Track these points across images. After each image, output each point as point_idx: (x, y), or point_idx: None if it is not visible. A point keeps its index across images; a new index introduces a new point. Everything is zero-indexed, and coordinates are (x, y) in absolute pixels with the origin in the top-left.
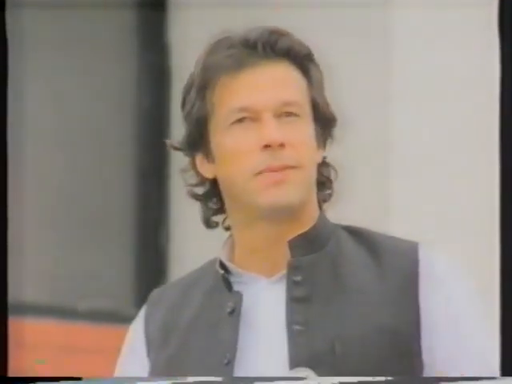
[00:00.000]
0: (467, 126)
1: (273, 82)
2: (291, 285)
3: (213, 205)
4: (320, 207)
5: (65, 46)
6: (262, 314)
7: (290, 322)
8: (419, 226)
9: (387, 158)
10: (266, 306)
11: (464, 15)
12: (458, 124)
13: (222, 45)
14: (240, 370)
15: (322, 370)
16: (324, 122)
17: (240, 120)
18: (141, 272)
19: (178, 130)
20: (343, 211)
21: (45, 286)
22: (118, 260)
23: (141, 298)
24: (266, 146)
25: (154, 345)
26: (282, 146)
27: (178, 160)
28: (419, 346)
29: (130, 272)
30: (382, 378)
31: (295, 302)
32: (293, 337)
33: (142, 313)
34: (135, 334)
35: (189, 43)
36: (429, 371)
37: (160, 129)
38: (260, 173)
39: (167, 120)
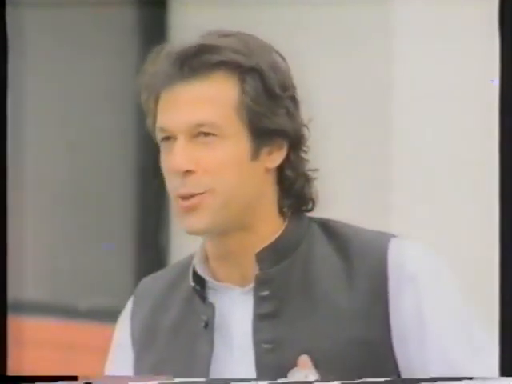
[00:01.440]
0: (467, 126)
1: (188, 103)
2: (258, 300)
3: None
4: (294, 212)
5: (65, 45)
6: (234, 327)
7: (257, 341)
8: (419, 227)
9: (388, 158)
10: (239, 318)
11: (464, 15)
12: (458, 123)
13: (153, 61)
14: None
15: None
16: (262, 133)
17: (165, 138)
18: (140, 271)
19: None
20: (343, 213)
21: (45, 285)
22: (118, 258)
23: None
24: (176, 173)
25: (138, 343)
26: (188, 172)
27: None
28: (393, 353)
29: (130, 270)
30: (382, 379)
31: (262, 318)
32: (260, 355)
33: (128, 307)
34: (122, 330)
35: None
36: (404, 374)
37: None
38: (176, 197)
39: None
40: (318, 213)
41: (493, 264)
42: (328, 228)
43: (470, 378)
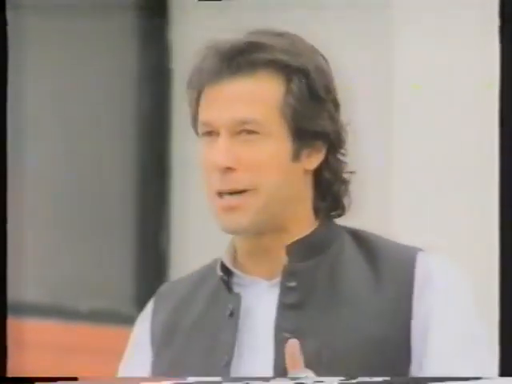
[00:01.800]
0: (467, 126)
1: (234, 99)
2: (284, 291)
3: None
4: (326, 214)
5: (65, 46)
6: (259, 317)
7: (278, 329)
8: (420, 230)
9: (387, 157)
10: (263, 309)
11: (464, 15)
12: (458, 123)
13: (204, 55)
14: (237, 372)
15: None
16: (303, 134)
17: (205, 134)
18: (141, 273)
19: (177, 131)
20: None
21: (45, 287)
22: (118, 260)
23: (141, 299)
24: (217, 168)
25: (158, 342)
26: (229, 169)
27: (179, 160)
28: (408, 357)
29: (130, 273)
30: (380, 379)
31: (286, 308)
32: (279, 344)
33: (149, 307)
34: (141, 330)
35: (189, 45)
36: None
37: (160, 130)
38: (219, 193)
39: (167, 121)
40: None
41: (493, 264)
42: (358, 236)
43: (470, 379)
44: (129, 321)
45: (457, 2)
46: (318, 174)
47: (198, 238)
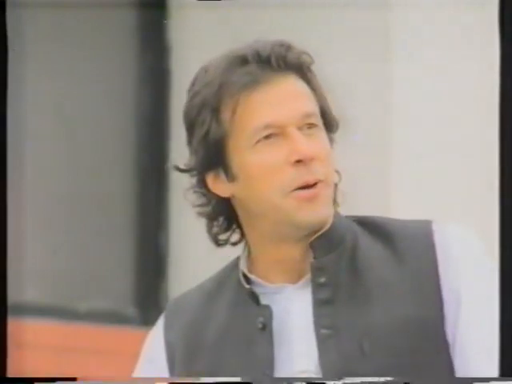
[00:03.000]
0: (467, 126)
1: (290, 95)
2: (316, 287)
3: (219, 223)
4: (334, 206)
5: (65, 46)
6: (293, 323)
7: (317, 327)
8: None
9: (388, 158)
10: (294, 314)
11: (464, 15)
12: (457, 123)
13: (235, 62)
14: None
15: (353, 371)
16: (330, 128)
17: (266, 137)
18: (141, 273)
19: (178, 132)
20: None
21: (44, 287)
22: (118, 260)
23: (141, 299)
24: (298, 161)
25: (178, 357)
26: (312, 159)
27: (179, 161)
28: (444, 331)
29: (130, 272)
30: (382, 379)
31: (321, 304)
32: (322, 341)
33: (160, 321)
34: (154, 342)
35: (189, 45)
36: (454, 350)
37: (160, 130)
38: (295, 189)
39: (167, 121)
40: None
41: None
42: (366, 222)
43: (470, 379)
44: (128, 321)
45: (457, 2)
46: None
47: (197, 238)
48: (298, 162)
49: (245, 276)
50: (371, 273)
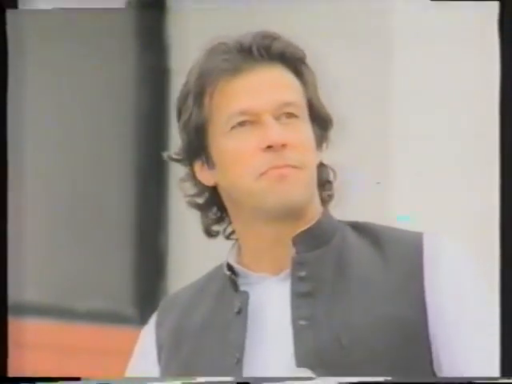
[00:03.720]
0: (467, 126)
1: (270, 84)
2: (296, 280)
3: (213, 214)
4: (324, 205)
5: (65, 46)
6: (269, 312)
7: (295, 318)
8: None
9: (387, 157)
10: (272, 303)
11: (464, 16)
12: (458, 123)
13: (217, 51)
14: (249, 369)
15: (328, 363)
16: (320, 123)
17: (240, 123)
18: (140, 272)
19: (177, 131)
20: (344, 211)
21: (45, 286)
22: (117, 260)
23: (140, 299)
24: (269, 147)
25: (165, 350)
26: (284, 146)
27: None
28: (427, 332)
29: (129, 272)
30: (382, 378)
31: (300, 297)
32: (298, 332)
33: (152, 319)
34: (146, 339)
35: (188, 44)
36: (437, 356)
37: (160, 130)
38: (264, 173)
39: (167, 121)
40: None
41: (493, 264)
42: (358, 226)
43: (471, 379)
44: (128, 321)
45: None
46: (317, 166)
47: (197, 238)
48: (269, 147)
49: (229, 265)
50: (356, 271)
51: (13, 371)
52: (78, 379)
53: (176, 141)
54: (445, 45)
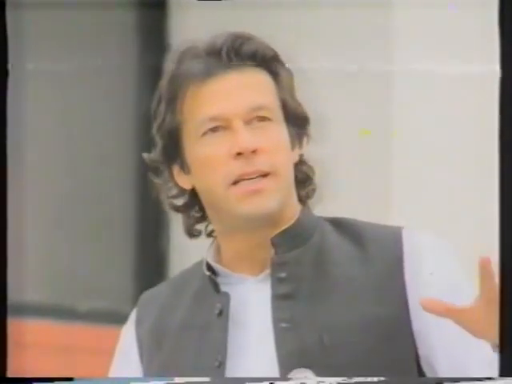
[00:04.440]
0: (467, 126)
1: (240, 88)
2: (276, 282)
3: (194, 213)
4: (303, 203)
5: (65, 46)
6: (250, 314)
7: (276, 320)
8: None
9: (387, 157)
10: (253, 304)
11: (464, 15)
12: (457, 123)
13: (187, 54)
14: (231, 371)
15: (311, 363)
16: (297, 122)
17: (212, 129)
18: (141, 272)
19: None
20: (343, 209)
21: (45, 287)
22: (118, 260)
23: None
24: (239, 154)
25: (146, 348)
26: (254, 152)
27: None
28: (410, 329)
29: (129, 272)
30: (381, 378)
31: (280, 299)
32: (280, 334)
33: (132, 316)
34: (127, 337)
35: None
36: (423, 353)
37: None
38: (237, 181)
39: None
40: (318, 209)
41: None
42: (338, 223)
43: (470, 379)
44: None
45: (457, 2)
46: (296, 164)
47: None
48: (239, 154)
49: (209, 265)
50: (336, 270)
51: (12, 371)
52: (71, 379)
53: None
54: (444, 45)
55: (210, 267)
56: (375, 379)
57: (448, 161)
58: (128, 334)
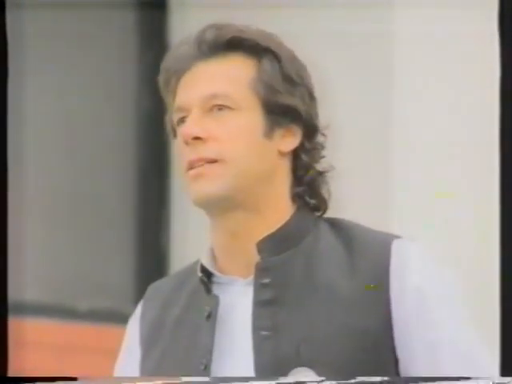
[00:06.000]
0: (467, 125)
1: (202, 78)
2: (259, 288)
3: None
4: (303, 204)
5: (65, 46)
6: (236, 318)
7: (256, 328)
8: (418, 227)
9: (388, 156)
10: (240, 308)
11: (464, 15)
12: (458, 122)
13: (175, 50)
14: (216, 375)
15: (286, 373)
16: (276, 110)
17: (181, 119)
18: (141, 272)
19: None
20: (343, 211)
21: (45, 286)
22: (119, 260)
23: (141, 298)
24: (185, 142)
25: (146, 341)
26: (199, 139)
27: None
28: (392, 343)
29: (130, 272)
30: (378, 378)
31: (262, 305)
32: (258, 342)
33: (138, 310)
34: (131, 332)
35: None
36: (404, 367)
37: (160, 129)
38: (190, 168)
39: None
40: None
41: (493, 264)
42: (336, 225)
43: (470, 378)
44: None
45: (457, 2)
46: (294, 160)
47: (197, 237)
48: (185, 142)
49: (203, 266)
50: (322, 278)
51: (13, 371)
52: (76, 379)
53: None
54: (444, 45)
55: (204, 268)
56: (378, 379)
57: (448, 164)
58: (132, 328)
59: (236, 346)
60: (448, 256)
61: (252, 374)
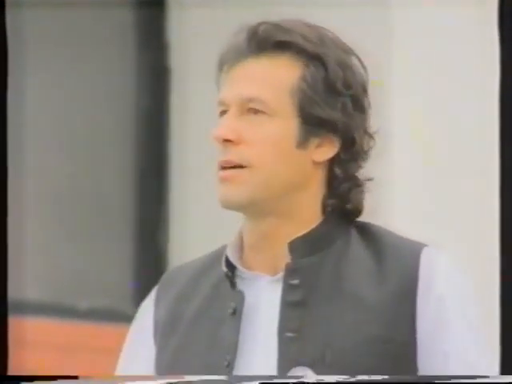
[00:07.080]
0: (467, 126)
1: (244, 78)
2: (287, 288)
3: None
4: (334, 211)
5: (64, 45)
6: (260, 316)
7: (282, 329)
8: (420, 227)
9: (388, 156)
10: (266, 306)
11: (464, 15)
12: (458, 123)
13: (233, 38)
14: (239, 372)
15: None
16: (315, 122)
17: (221, 113)
18: (141, 272)
19: (178, 131)
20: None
21: (45, 285)
22: (118, 259)
23: (140, 298)
24: (218, 141)
25: (162, 330)
26: (227, 141)
27: (178, 159)
28: (414, 353)
29: (130, 271)
30: (379, 377)
31: (290, 306)
32: (283, 344)
33: (153, 294)
34: (144, 315)
35: (188, 42)
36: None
37: (159, 128)
38: (220, 166)
39: (166, 119)
40: None
41: (493, 263)
42: (366, 231)
43: (469, 377)
44: (128, 319)
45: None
46: (330, 170)
47: (197, 236)
48: (218, 141)
49: (228, 260)
50: (351, 284)
51: (13, 370)
52: (77, 378)
53: (176, 140)
54: (444, 45)
55: (228, 261)
56: (379, 377)
57: (448, 164)
58: (146, 312)
59: (259, 344)
60: (448, 256)
61: (274, 372)
